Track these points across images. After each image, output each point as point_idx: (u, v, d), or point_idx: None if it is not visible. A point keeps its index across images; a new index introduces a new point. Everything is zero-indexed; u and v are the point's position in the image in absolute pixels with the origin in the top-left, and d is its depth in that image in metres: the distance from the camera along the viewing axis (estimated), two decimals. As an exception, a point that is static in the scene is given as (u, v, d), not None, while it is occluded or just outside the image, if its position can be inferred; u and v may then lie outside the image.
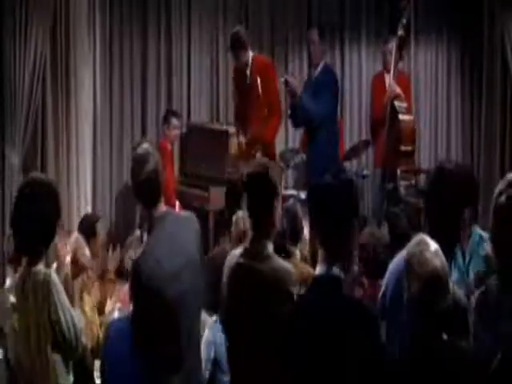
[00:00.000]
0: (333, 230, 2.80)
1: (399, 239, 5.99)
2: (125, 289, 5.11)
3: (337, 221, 2.79)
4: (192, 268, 3.67)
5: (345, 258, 2.83)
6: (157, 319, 3.57)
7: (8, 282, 5.02)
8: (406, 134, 7.38)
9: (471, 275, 3.90)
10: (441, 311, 2.98)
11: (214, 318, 4.58)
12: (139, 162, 3.64)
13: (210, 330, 4.49)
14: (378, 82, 8.08)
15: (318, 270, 2.83)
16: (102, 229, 6.31)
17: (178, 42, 8.97)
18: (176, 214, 3.89)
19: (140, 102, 8.87)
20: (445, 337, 3.04)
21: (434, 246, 3.06)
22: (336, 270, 2.77)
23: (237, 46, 7.36)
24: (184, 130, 8.32)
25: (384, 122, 7.44)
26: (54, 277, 3.67)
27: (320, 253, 2.86)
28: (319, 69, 7.51)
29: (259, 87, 7.23)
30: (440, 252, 3.06)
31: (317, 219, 2.85)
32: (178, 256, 3.62)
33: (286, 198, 7.89)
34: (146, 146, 3.74)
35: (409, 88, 8.21)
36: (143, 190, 3.65)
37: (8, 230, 6.83)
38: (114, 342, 4.16)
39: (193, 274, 3.67)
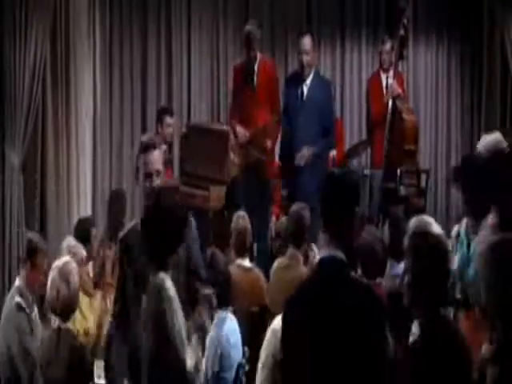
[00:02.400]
0: (336, 216, 2.85)
1: (400, 238, 6.03)
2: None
3: (340, 207, 2.86)
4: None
5: (346, 244, 2.84)
6: None
7: (17, 281, 5.06)
8: (410, 133, 7.38)
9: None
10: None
11: (223, 314, 4.57)
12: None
13: (216, 328, 4.48)
14: (373, 81, 8.03)
15: (322, 253, 2.86)
16: (96, 232, 6.33)
17: (178, 42, 8.98)
18: None
19: (140, 101, 8.88)
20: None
21: (436, 226, 3.20)
22: (339, 253, 2.80)
23: (249, 43, 7.33)
24: (184, 129, 8.30)
25: (383, 122, 7.41)
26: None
27: (323, 238, 2.88)
28: (310, 77, 7.42)
29: (265, 87, 7.26)
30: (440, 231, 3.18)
31: (323, 207, 2.91)
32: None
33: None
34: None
35: (404, 88, 8.18)
36: None
37: (8, 231, 6.84)
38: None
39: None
